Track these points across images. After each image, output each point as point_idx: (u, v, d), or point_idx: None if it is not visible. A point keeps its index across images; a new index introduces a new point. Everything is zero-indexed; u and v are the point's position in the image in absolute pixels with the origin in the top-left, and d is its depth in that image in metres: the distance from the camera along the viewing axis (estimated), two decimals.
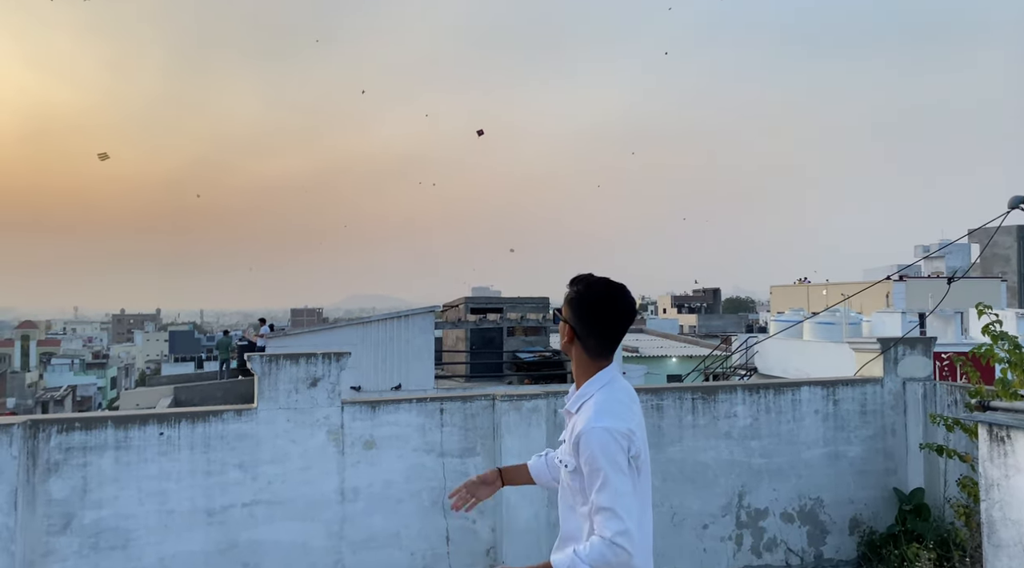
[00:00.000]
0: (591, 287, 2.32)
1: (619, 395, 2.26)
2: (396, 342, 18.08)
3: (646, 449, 2.26)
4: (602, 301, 2.30)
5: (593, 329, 2.31)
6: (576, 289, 2.34)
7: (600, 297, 2.31)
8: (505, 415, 5.30)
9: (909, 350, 6.26)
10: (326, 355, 5.03)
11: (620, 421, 2.17)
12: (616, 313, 2.30)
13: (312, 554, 4.90)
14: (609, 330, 2.30)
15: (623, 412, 2.21)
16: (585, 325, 2.31)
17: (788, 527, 5.98)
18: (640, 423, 2.27)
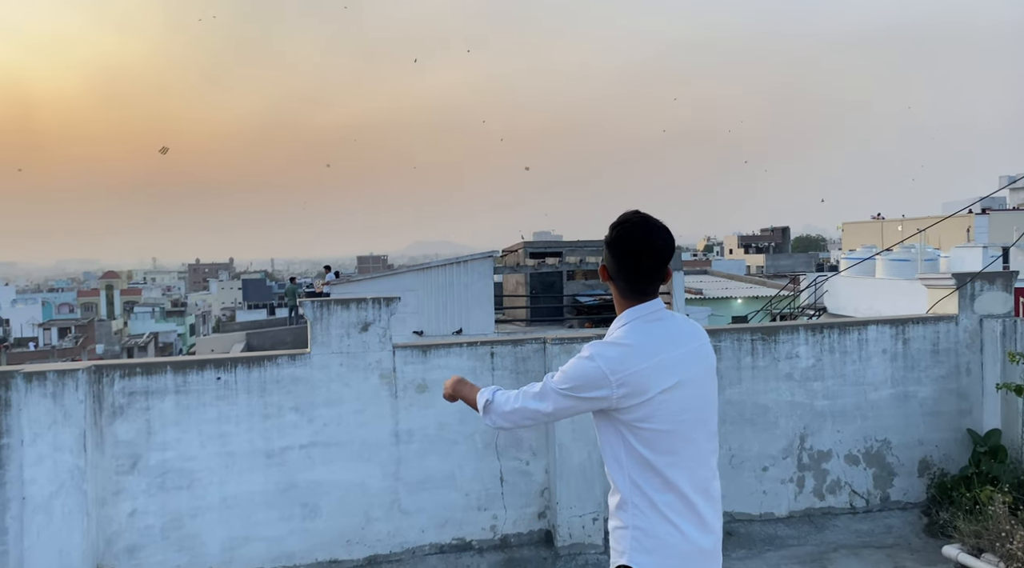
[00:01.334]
0: (621, 228, 2.34)
1: (635, 335, 2.28)
2: (456, 287, 18.20)
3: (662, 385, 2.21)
4: (629, 242, 2.32)
5: (621, 270, 2.34)
6: (609, 230, 2.37)
7: (627, 238, 2.32)
8: (556, 359, 5.24)
9: (987, 285, 5.89)
10: (376, 300, 5.03)
11: (610, 359, 2.22)
12: (641, 254, 2.31)
13: (369, 494, 5.00)
14: (635, 270, 2.32)
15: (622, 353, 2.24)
16: (615, 265, 2.34)
17: (853, 469, 5.80)
18: (661, 363, 2.23)
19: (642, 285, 2.32)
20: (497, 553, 5.14)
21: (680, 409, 2.24)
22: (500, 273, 22.85)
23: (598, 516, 5.24)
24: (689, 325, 2.36)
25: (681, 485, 2.24)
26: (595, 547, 5.20)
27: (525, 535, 5.27)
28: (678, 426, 2.24)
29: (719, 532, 2.29)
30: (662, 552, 2.23)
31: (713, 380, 2.35)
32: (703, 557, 2.24)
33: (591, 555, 5.16)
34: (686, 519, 2.23)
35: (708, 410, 2.30)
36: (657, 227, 2.33)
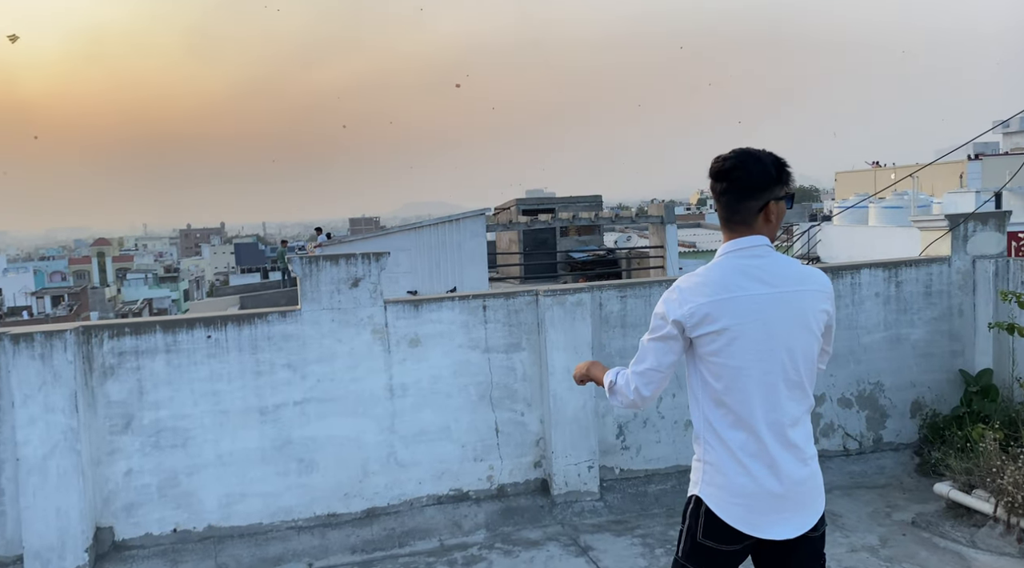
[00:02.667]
0: (715, 161, 2.36)
1: (722, 268, 2.30)
2: (449, 246, 18.13)
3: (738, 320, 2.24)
4: (716, 173, 2.34)
5: (717, 201, 2.36)
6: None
7: (716, 170, 2.34)
8: (549, 310, 5.22)
9: (980, 226, 5.86)
10: (365, 256, 4.98)
11: (683, 289, 2.29)
12: (715, 181, 2.33)
13: (365, 448, 5.01)
14: (724, 202, 2.34)
15: (700, 283, 2.28)
16: (714, 198, 2.38)
17: (846, 412, 5.84)
18: (740, 298, 2.25)
19: (730, 214, 2.32)
20: (494, 502, 5.19)
21: (755, 347, 2.24)
22: (493, 231, 22.75)
23: (593, 464, 5.28)
24: (792, 269, 2.30)
25: (755, 425, 2.25)
26: (591, 494, 5.25)
27: (521, 484, 5.31)
28: (752, 364, 2.24)
29: (797, 477, 2.26)
30: (729, 489, 2.28)
31: (808, 329, 2.28)
32: (773, 500, 2.26)
33: (587, 502, 5.21)
34: (757, 460, 2.25)
35: (791, 356, 2.26)
36: (734, 154, 2.32)
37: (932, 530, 4.64)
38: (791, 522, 2.27)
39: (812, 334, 2.28)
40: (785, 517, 2.27)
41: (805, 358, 2.27)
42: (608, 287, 5.52)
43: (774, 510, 2.26)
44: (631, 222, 26.14)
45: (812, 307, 2.28)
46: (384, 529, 4.91)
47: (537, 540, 4.82)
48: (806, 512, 2.29)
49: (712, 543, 2.31)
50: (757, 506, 2.26)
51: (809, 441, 2.32)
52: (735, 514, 2.27)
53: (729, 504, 2.27)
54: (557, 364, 5.21)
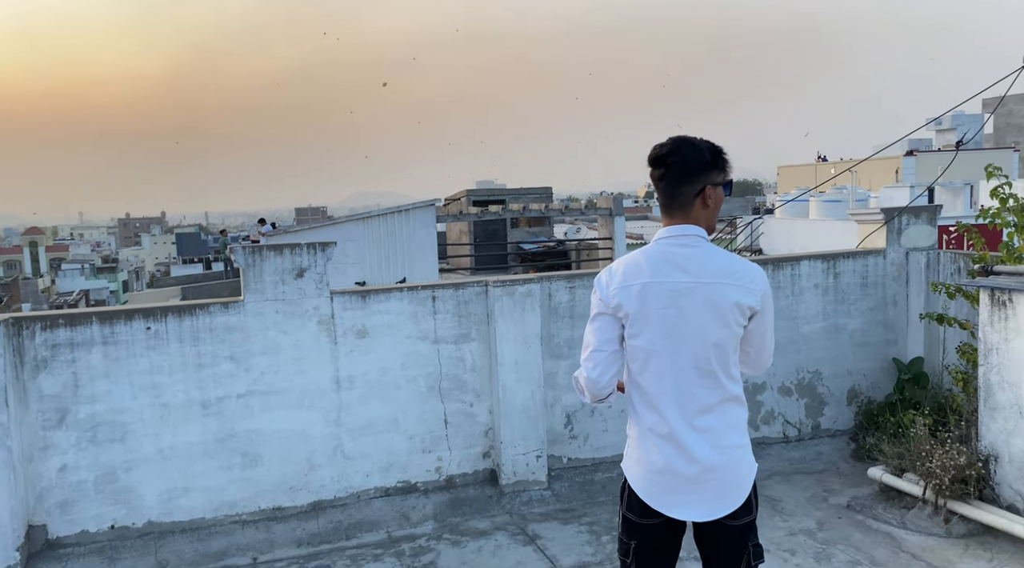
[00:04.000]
0: (653, 148, 2.41)
1: (647, 253, 2.37)
2: (398, 237, 17.96)
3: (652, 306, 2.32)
4: (653, 159, 2.39)
5: (656, 187, 2.41)
6: None
7: (653, 156, 2.39)
8: (498, 301, 5.22)
9: (913, 219, 6.08)
10: (311, 245, 4.90)
11: (609, 271, 2.39)
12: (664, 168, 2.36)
13: (311, 441, 4.95)
14: (662, 187, 2.39)
15: (623, 266, 2.37)
16: (653, 184, 2.42)
17: (786, 400, 6.01)
18: (656, 284, 2.32)
19: (666, 199, 2.39)
20: (442, 493, 5.19)
21: (667, 333, 2.30)
22: (443, 222, 22.62)
23: (541, 454, 5.31)
24: (719, 261, 2.32)
25: (663, 407, 2.33)
26: (539, 483, 5.29)
27: (470, 475, 5.32)
28: (662, 349, 2.31)
29: (710, 464, 2.31)
30: (643, 464, 2.38)
31: (723, 321, 2.30)
32: (683, 481, 2.32)
33: (535, 491, 5.25)
34: (666, 441, 2.33)
35: (703, 345, 2.29)
36: (670, 141, 2.37)
37: (866, 513, 4.81)
38: (699, 506, 2.32)
39: (728, 327, 2.30)
40: (694, 500, 2.32)
41: (718, 349, 2.30)
42: (557, 278, 5.55)
43: (683, 491, 2.32)
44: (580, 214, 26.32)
45: (730, 300, 2.29)
46: (331, 522, 4.86)
47: (485, 530, 4.84)
48: (719, 499, 2.32)
49: (633, 516, 2.40)
50: (666, 484, 2.33)
51: (730, 431, 2.34)
52: (645, 489, 2.36)
53: (642, 479, 2.37)
54: (506, 355, 5.23)
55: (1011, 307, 4.26)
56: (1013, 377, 4.28)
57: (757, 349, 2.44)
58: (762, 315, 2.37)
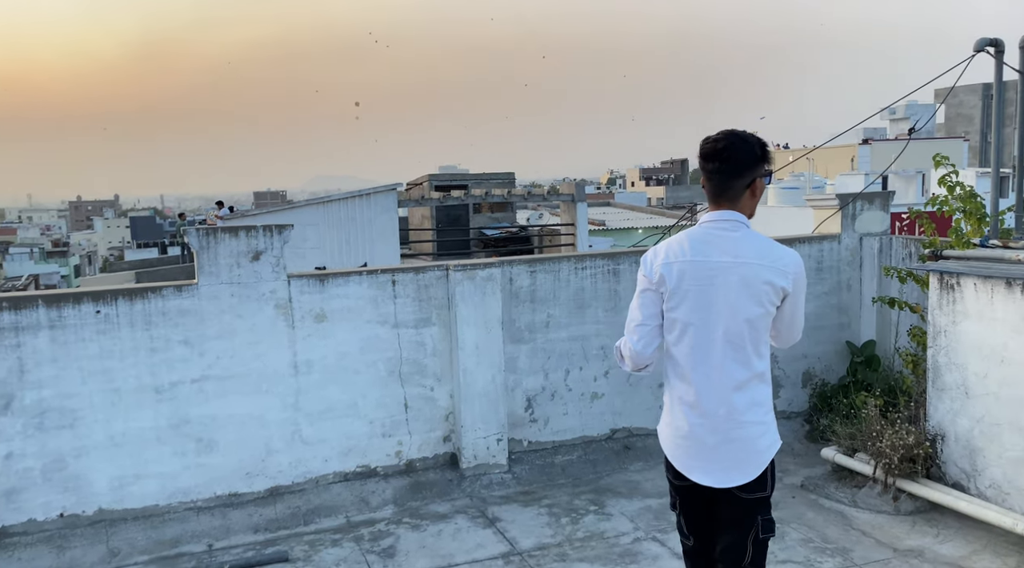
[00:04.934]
0: (705, 142, 2.54)
1: (691, 235, 2.55)
2: (359, 222, 17.76)
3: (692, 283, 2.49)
4: (708, 154, 2.53)
5: (708, 179, 2.55)
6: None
7: (707, 151, 2.52)
8: (459, 285, 5.20)
9: (867, 205, 6.20)
10: (267, 228, 4.81)
11: (655, 250, 2.58)
12: (718, 162, 2.51)
13: (269, 426, 4.88)
14: (716, 180, 2.54)
15: (668, 246, 2.56)
16: (704, 175, 2.57)
17: None
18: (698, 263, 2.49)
19: (712, 188, 2.55)
20: (403, 478, 5.17)
21: (704, 308, 2.48)
22: (405, 206, 22.43)
23: (502, 437, 5.32)
24: (757, 245, 2.49)
25: (693, 378, 2.51)
26: (499, 466, 5.30)
27: (431, 459, 5.30)
28: (698, 321, 2.49)
29: (729, 436, 2.49)
30: (670, 430, 2.61)
31: (757, 300, 2.47)
32: (704, 449, 2.53)
33: (495, 474, 5.26)
34: (693, 410, 2.52)
35: (736, 321, 2.46)
36: (723, 136, 2.52)
37: (819, 492, 4.92)
38: (716, 473, 2.52)
39: (761, 305, 2.47)
40: (711, 467, 2.52)
41: (750, 325, 2.47)
42: (518, 262, 5.54)
43: (703, 458, 2.52)
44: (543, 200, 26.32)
45: (763, 279, 2.46)
46: (288, 508, 4.81)
47: (445, 513, 4.84)
48: (734, 470, 2.51)
49: (669, 476, 2.67)
50: (690, 450, 2.54)
51: (755, 408, 2.51)
52: (673, 453, 2.60)
53: (671, 444, 2.60)
54: (467, 339, 5.21)
55: (958, 291, 4.37)
56: (960, 359, 4.40)
57: (787, 326, 2.61)
58: (794, 296, 2.54)
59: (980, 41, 4.93)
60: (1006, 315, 4.12)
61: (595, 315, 5.69)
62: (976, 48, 4.95)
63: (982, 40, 4.92)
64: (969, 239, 4.96)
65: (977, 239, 4.91)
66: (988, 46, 4.96)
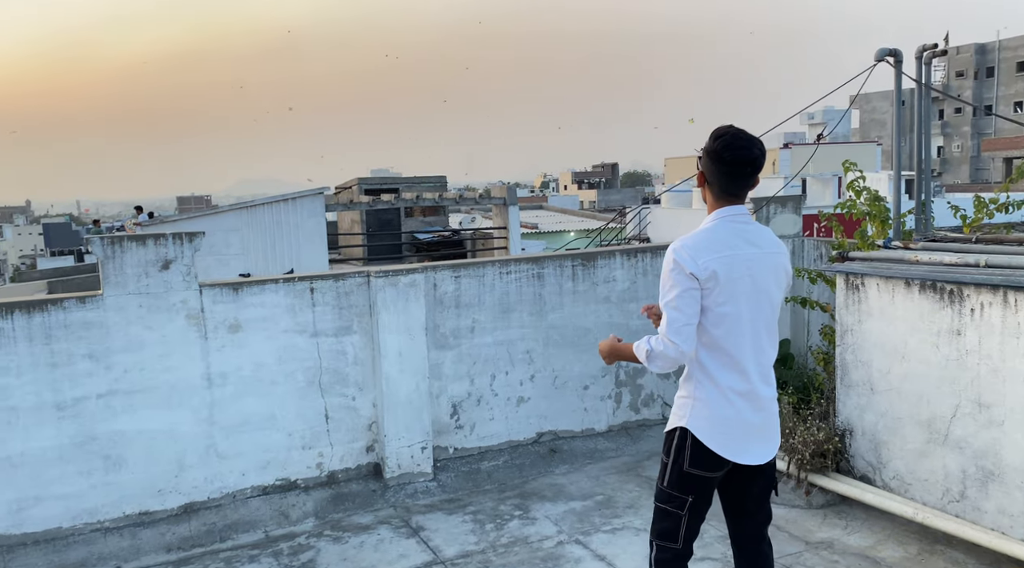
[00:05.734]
0: (719, 138, 2.64)
1: (722, 229, 2.64)
2: (285, 226, 17.37)
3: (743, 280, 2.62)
4: (731, 150, 2.61)
5: (719, 175, 2.65)
6: (709, 139, 2.68)
7: (731, 146, 2.61)
8: (381, 291, 5.13)
9: (781, 208, 6.40)
10: (177, 235, 4.64)
11: (688, 248, 2.60)
12: (739, 161, 2.61)
13: (181, 441, 4.71)
14: (732, 175, 2.64)
15: (706, 242, 2.62)
16: (710, 171, 2.68)
17: (664, 382, 6.21)
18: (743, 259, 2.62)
19: (735, 189, 2.67)
20: (324, 490, 5.06)
21: (747, 299, 2.63)
22: (333, 211, 22.06)
23: (426, 445, 5.27)
24: (769, 235, 2.73)
25: (746, 366, 2.66)
26: (424, 475, 5.25)
27: (353, 470, 5.21)
28: (744, 314, 2.63)
29: (771, 411, 2.73)
30: (714, 420, 2.67)
31: (779, 285, 2.72)
32: (752, 430, 2.69)
33: (420, 483, 5.21)
34: (743, 397, 2.66)
35: (772, 307, 2.69)
36: (753, 139, 2.64)
37: None
38: (762, 450, 2.72)
39: (781, 290, 2.75)
40: (758, 446, 2.71)
41: (775, 309, 2.73)
42: (442, 267, 5.51)
43: (750, 439, 2.69)
44: (475, 203, 26.31)
45: (783, 267, 2.74)
46: (204, 524, 4.65)
47: (368, 524, 4.76)
48: (772, 442, 2.76)
49: (698, 471, 2.70)
50: (737, 434, 2.67)
51: (775, 384, 2.78)
52: (719, 442, 2.66)
53: (715, 433, 2.66)
54: (390, 346, 5.15)
55: (863, 291, 4.55)
56: (865, 356, 4.58)
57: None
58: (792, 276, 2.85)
59: (880, 51, 5.14)
60: (906, 313, 4.31)
61: (520, 319, 5.70)
62: (877, 58, 5.16)
63: (882, 50, 5.14)
64: (873, 241, 5.17)
65: (881, 240, 5.12)
66: (888, 55, 5.18)
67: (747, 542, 2.90)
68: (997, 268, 4.10)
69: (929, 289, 4.19)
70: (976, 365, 3.99)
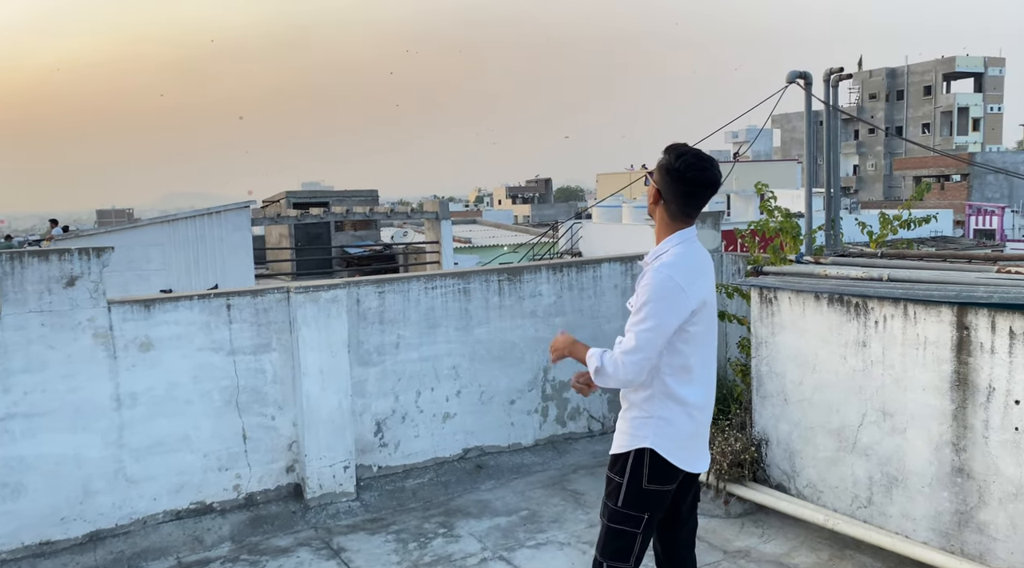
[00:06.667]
0: (681, 157, 2.61)
1: (691, 253, 2.67)
2: (209, 241, 16.88)
3: (708, 306, 2.71)
4: (691, 170, 2.58)
5: (678, 194, 2.63)
6: (667, 157, 2.65)
7: (691, 166, 2.58)
8: (301, 308, 5.02)
9: (701, 224, 6.56)
10: (83, 251, 4.44)
11: (682, 274, 2.60)
12: (699, 181, 2.60)
13: (87, 465, 4.49)
14: (691, 196, 2.63)
15: (689, 267, 2.64)
16: (669, 190, 2.64)
17: (590, 396, 6.27)
18: (708, 278, 2.72)
19: (693, 210, 2.68)
20: (241, 512, 4.90)
21: (710, 317, 2.75)
22: (260, 225, 21.57)
23: (349, 464, 5.17)
24: (704, 249, 2.80)
25: (709, 380, 2.78)
26: (346, 495, 5.14)
27: (272, 491, 5.07)
28: (709, 332, 2.74)
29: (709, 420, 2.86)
30: (677, 437, 2.72)
31: (716, 300, 2.83)
32: (702, 440, 2.82)
33: (342, 503, 5.10)
34: (703, 412, 2.77)
35: (716, 323, 2.81)
36: (713, 160, 2.64)
37: None
38: (707, 457, 2.86)
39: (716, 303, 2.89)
40: (704, 453, 2.85)
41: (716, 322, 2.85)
42: (366, 282, 5.44)
43: (702, 448, 2.82)
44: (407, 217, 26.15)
45: (714, 281, 2.86)
46: (110, 553, 4.44)
47: (287, 547, 4.63)
48: (707, 449, 2.89)
49: (657, 486, 2.74)
50: (693, 446, 2.77)
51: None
52: (681, 457, 2.73)
53: (677, 448, 2.71)
54: (311, 364, 5.04)
55: (776, 304, 4.70)
56: (779, 367, 4.72)
57: None
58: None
59: (791, 73, 5.36)
60: (816, 326, 4.47)
61: (447, 334, 5.67)
62: (788, 80, 5.38)
63: (793, 73, 5.35)
64: (786, 256, 5.35)
65: (793, 255, 5.31)
66: (798, 78, 5.40)
67: (681, 550, 2.96)
68: (899, 282, 4.29)
69: (837, 302, 4.36)
70: (880, 375, 4.16)
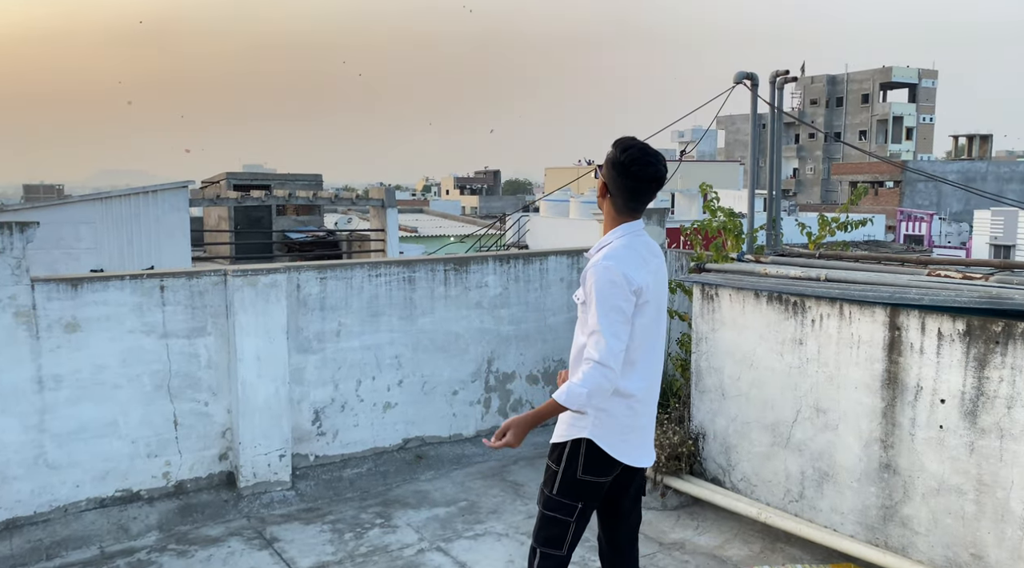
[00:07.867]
0: (626, 150, 2.62)
1: (636, 246, 2.66)
2: (144, 220, 16.30)
3: (656, 293, 2.70)
4: (637, 165, 2.60)
5: (624, 189, 2.64)
6: (614, 151, 2.66)
7: (637, 161, 2.60)
8: (239, 292, 4.88)
9: (646, 219, 6.62)
10: (5, 225, 4.22)
11: (624, 264, 2.58)
12: (642, 177, 2.61)
13: (5, 450, 4.28)
14: (636, 190, 2.65)
15: (631, 258, 2.62)
16: (614, 184, 2.65)
17: (532, 388, 6.28)
18: (653, 272, 2.69)
19: (638, 204, 2.69)
20: (170, 501, 4.74)
21: (655, 309, 2.72)
22: (199, 205, 20.93)
23: (285, 453, 5.06)
24: (656, 245, 2.79)
25: (654, 377, 2.77)
26: (282, 484, 5.03)
27: (204, 479, 4.92)
28: (652, 322, 2.70)
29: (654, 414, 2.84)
30: (618, 429, 2.70)
31: (666, 293, 2.84)
32: (645, 433, 2.80)
33: (277, 492, 4.99)
34: (647, 405, 2.76)
35: (663, 316, 2.80)
36: (659, 155, 2.64)
37: None
38: (650, 451, 2.85)
39: (667, 298, 2.88)
40: (649, 448, 2.83)
41: (665, 315, 2.84)
42: (307, 268, 5.31)
43: (645, 442, 2.80)
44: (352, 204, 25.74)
45: (665, 274, 2.85)
46: (28, 542, 4.24)
47: (218, 537, 4.50)
48: (652, 442, 2.87)
49: (591, 477, 2.72)
50: (636, 440, 2.75)
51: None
52: (621, 449, 2.71)
53: (616, 441, 2.69)
54: (247, 350, 4.91)
55: (717, 301, 4.77)
56: (718, 363, 4.80)
57: None
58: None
59: (738, 74, 5.44)
60: (755, 323, 4.55)
61: (390, 323, 5.59)
62: (735, 80, 5.45)
63: (740, 74, 5.43)
64: (728, 254, 5.44)
65: (735, 254, 5.40)
66: (745, 79, 5.48)
67: (623, 543, 2.96)
68: (835, 282, 4.40)
69: (776, 300, 4.44)
70: (815, 372, 4.27)
